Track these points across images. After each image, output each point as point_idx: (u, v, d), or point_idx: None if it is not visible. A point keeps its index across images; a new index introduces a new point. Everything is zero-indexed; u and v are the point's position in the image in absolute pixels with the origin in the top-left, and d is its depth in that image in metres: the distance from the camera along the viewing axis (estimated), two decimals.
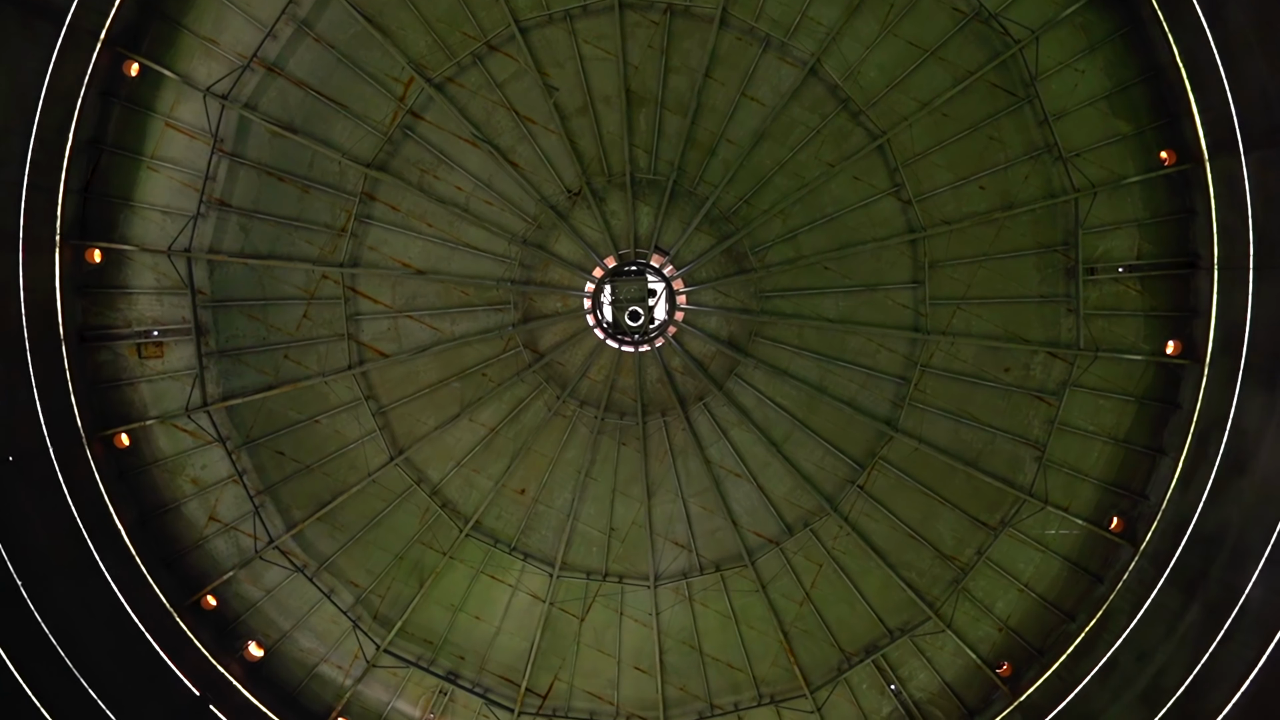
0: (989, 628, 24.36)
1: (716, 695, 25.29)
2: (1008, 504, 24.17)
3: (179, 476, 23.79)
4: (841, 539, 24.91)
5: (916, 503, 24.65)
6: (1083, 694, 21.95)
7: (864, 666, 24.79)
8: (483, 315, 24.50)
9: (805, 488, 24.83)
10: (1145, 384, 23.28)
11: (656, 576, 25.25)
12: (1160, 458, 22.92)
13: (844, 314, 24.56)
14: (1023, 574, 24.19)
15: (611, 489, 25.25)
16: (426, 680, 24.85)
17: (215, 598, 23.83)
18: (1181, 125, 21.85)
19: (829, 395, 24.66)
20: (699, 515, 25.39)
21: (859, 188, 23.94)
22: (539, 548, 25.38)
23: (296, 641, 24.46)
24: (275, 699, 23.58)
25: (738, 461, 25.09)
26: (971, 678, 24.33)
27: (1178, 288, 22.79)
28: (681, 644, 25.38)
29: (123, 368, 23.13)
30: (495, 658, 25.24)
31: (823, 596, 25.13)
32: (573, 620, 25.32)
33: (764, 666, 25.26)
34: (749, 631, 25.26)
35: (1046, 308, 23.79)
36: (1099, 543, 23.55)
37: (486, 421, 24.86)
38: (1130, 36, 22.13)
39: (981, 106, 23.17)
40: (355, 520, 24.70)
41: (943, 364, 24.29)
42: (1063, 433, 23.81)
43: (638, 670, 25.36)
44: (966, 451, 24.40)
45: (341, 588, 24.78)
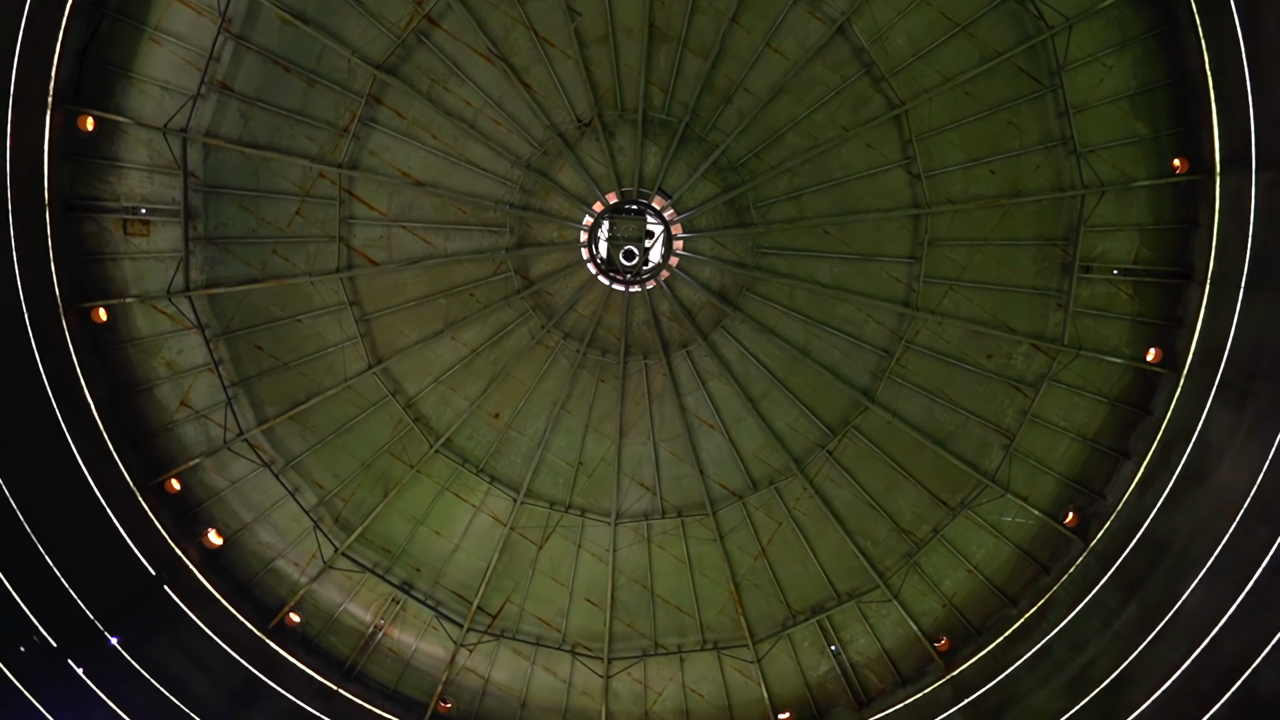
0: (934, 603, 25.01)
1: (662, 635, 25.93)
2: (970, 487, 24.62)
3: (154, 358, 23.61)
4: (804, 500, 25.34)
5: (881, 474, 25.05)
6: (1013, 675, 22.72)
7: (808, 625, 25.46)
8: (477, 235, 24.25)
9: (775, 446, 25.13)
10: (1121, 387, 23.58)
11: (618, 514, 25.63)
12: (1124, 461, 23.35)
13: (837, 280, 24.56)
14: (974, 556, 24.77)
15: (585, 424, 25.42)
16: (380, 587, 25.23)
17: (179, 482, 23.90)
18: (1199, 135, 21.73)
19: (811, 359, 24.80)
20: (668, 460, 25.68)
21: (870, 156, 23.71)
22: (506, 472, 25.62)
23: (256, 535, 24.68)
24: (230, 588, 23.88)
25: (713, 413, 25.31)
26: (910, 648, 25.07)
27: (1168, 296, 22.95)
28: (634, 582, 25.89)
29: (106, 242, 22.73)
30: (450, 574, 25.64)
31: (778, 553, 25.65)
32: (531, 547, 25.72)
33: (711, 614, 25.87)
34: (701, 578, 25.80)
35: (1037, 300, 23.91)
36: (1051, 535, 24.11)
37: (469, 342, 24.82)
38: (1163, 38, 21.82)
39: (1004, 89, 22.88)
40: (327, 423, 24.75)
41: (927, 342, 24.45)
42: (1034, 424, 24.16)
43: (589, 602, 25.89)
44: (938, 431, 24.75)
45: (306, 488, 24.93)
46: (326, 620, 24.99)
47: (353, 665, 24.83)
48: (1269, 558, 18.38)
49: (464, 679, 25.45)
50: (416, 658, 25.36)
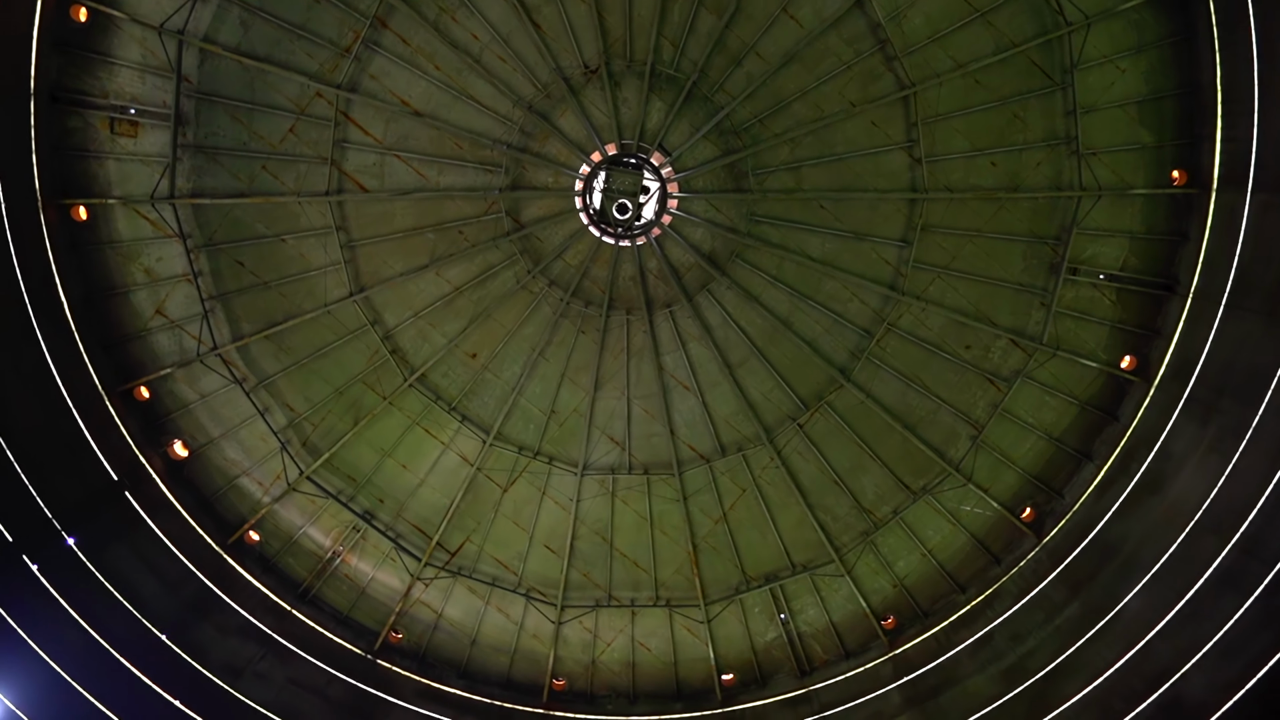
0: (885, 582, 25.51)
1: (617, 588, 26.31)
2: (934, 473, 24.99)
3: (132, 263, 23.25)
4: (770, 470, 25.61)
5: (849, 453, 25.34)
6: (954, 659, 23.32)
7: (761, 592, 25.91)
8: (472, 172, 23.94)
9: (748, 414, 25.31)
10: (1092, 391, 23.88)
11: (586, 466, 25.80)
12: (1086, 463, 23.74)
13: (827, 256, 24.56)
14: (929, 540, 25.21)
15: (561, 373, 25.44)
16: (342, 515, 25.33)
17: (149, 390, 23.70)
18: (1201, 150, 21.76)
19: (793, 331, 24.89)
20: (640, 417, 25.81)
21: (874, 134, 23.56)
22: (478, 413, 25.65)
23: (222, 450, 24.61)
24: (191, 500, 23.86)
25: (689, 375, 25.40)
26: (857, 623, 25.60)
27: (1149, 306, 23.15)
28: (595, 534, 26.18)
29: (92, 139, 22.19)
30: (413, 508, 25.77)
31: (739, 519, 25.99)
32: (495, 489, 25.86)
33: (668, 572, 26.24)
34: (661, 537, 26.12)
35: (1021, 296, 24.06)
36: (1007, 528, 24.55)
37: (453, 279, 24.65)
38: (1179, 47, 21.71)
39: (1015, 82, 22.74)
40: (303, 346, 24.58)
41: (909, 327, 24.59)
42: (1003, 419, 24.47)
43: (547, 549, 26.17)
44: (909, 415, 25.02)
45: (276, 409, 24.84)
46: (285, 541, 25.09)
47: (308, 588, 25.00)
48: (1211, 570, 18.91)
49: (417, 612, 25.73)
50: (372, 587, 25.57)
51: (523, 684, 25.85)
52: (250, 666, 22.06)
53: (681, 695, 25.86)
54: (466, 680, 25.45)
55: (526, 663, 26.03)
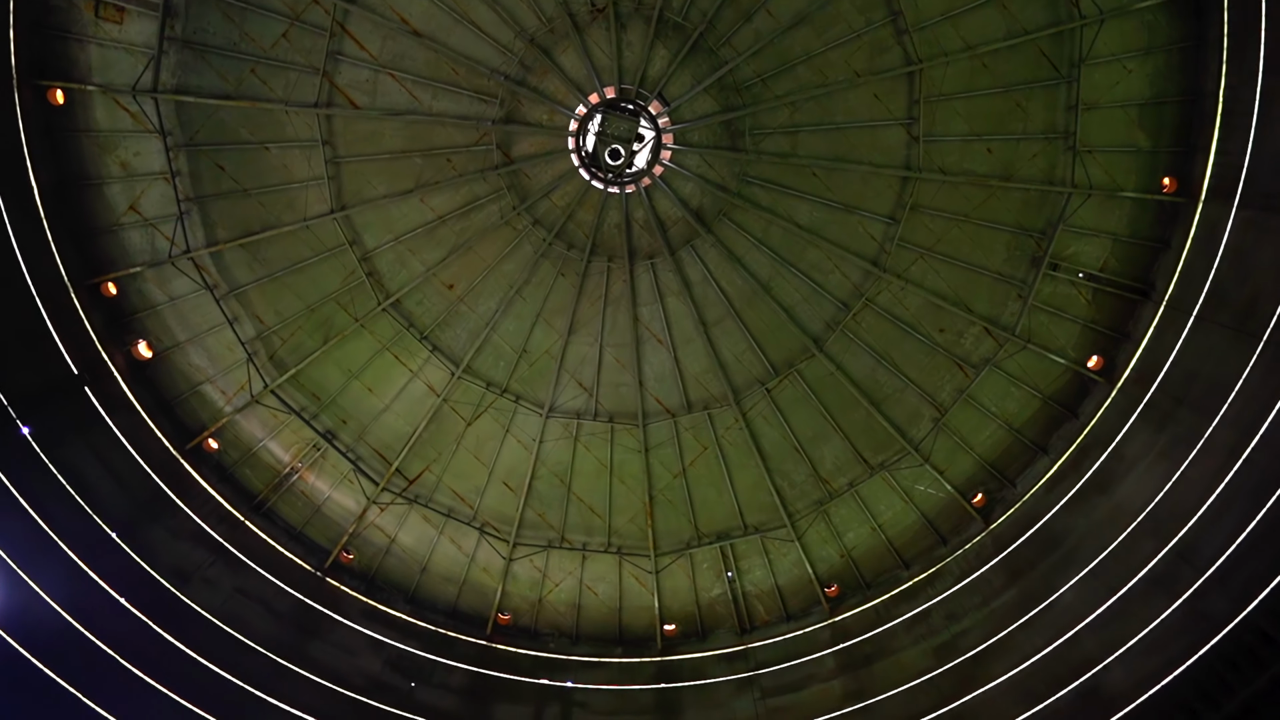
0: (833, 551, 26.03)
1: (570, 530, 26.63)
2: (893, 450, 25.37)
3: (109, 155, 22.65)
4: (733, 431, 25.85)
5: (812, 422, 25.63)
6: (890, 631, 23.96)
7: (711, 548, 26.36)
8: (466, 100, 23.45)
9: (718, 374, 25.45)
10: (1056, 386, 24.23)
11: (552, 408, 25.88)
12: (1041, 456, 24.18)
13: (814, 225, 24.50)
14: (881, 515, 25.70)
15: (536, 313, 25.35)
16: (304, 432, 25.28)
17: (116, 287, 23.31)
18: (1194, 159, 21.79)
19: (771, 296, 24.93)
20: (610, 366, 25.85)
21: (875, 108, 23.35)
22: (449, 345, 25.54)
23: (187, 355, 24.35)
24: (152, 402, 23.67)
25: (664, 328, 25.42)
26: (801, 588, 26.16)
27: (1122, 310, 23.39)
28: (554, 475, 26.38)
29: (74, 20, 21.37)
30: (376, 432, 25.77)
31: (697, 476, 26.30)
32: (460, 422, 25.90)
33: (622, 520, 26.58)
34: (619, 485, 26.39)
35: (1000, 286, 24.22)
36: (957, 510, 25.07)
37: (437, 207, 24.31)
38: (1187, 53, 21.59)
39: (1022, 70, 22.57)
40: (278, 259, 24.24)
41: (886, 304, 24.72)
42: (967, 404, 24.82)
43: (505, 486, 26.36)
44: (876, 391, 25.29)
45: (246, 319, 24.57)
46: (244, 453, 25.03)
47: (263, 500, 25.04)
48: (1145, 571, 19.50)
49: (370, 534, 25.91)
50: (328, 506, 25.66)
51: (468, 615, 26.24)
52: (199, 572, 22.15)
53: (623, 640, 26.40)
54: (413, 606, 25.77)
55: (474, 595, 26.40)
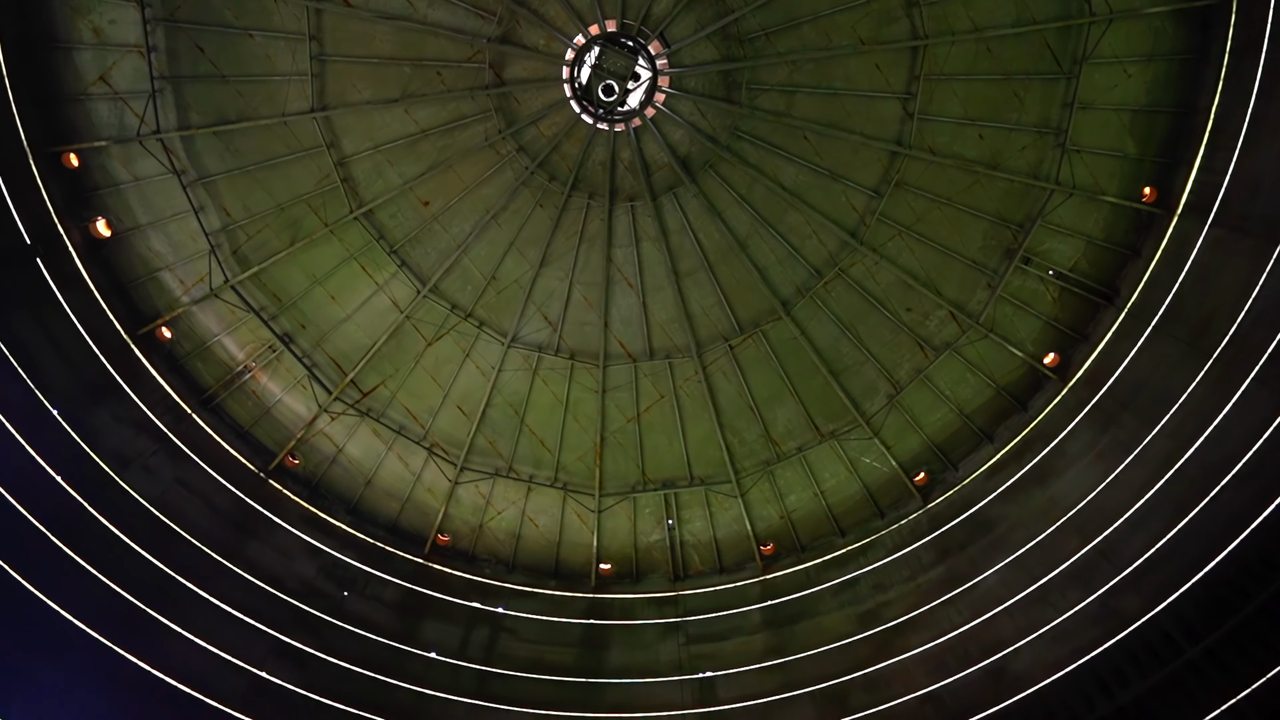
0: (773, 512, 26.58)
1: (518, 461, 26.81)
2: (845, 421, 25.80)
3: (81, 18, 21.58)
4: (691, 383, 26.06)
5: (771, 383, 25.91)
6: (817, 594, 24.66)
7: (655, 495, 26.75)
8: (462, 14, 22.71)
9: (684, 324, 25.52)
10: (1011, 378, 24.70)
11: (515, 338, 25.81)
12: (986, 444, 24.77)
13: (798, 188, 24.42)
14: (824, 482, 26.24)
15: (510, 241, 25.08)
16: (261, 332, 24.92)
17: (79, 159, 22.49)
18: (1176, 171, 21.99)
19: (747, 254, 24.93)
20: (578, 304, 25.78)
21: (874, 78, 23.13)
22: (419, 262, 25.22)
23: (148, 239, 23.71)
24: (106, 283, 23.08)
25: (636, 273, 25.34)
26: (738, 543, 26.75)
27: (1085, 311, 23.79)
28: (509, 405, 26.43)
29: None
30: (335, 341, 25.50)
31: (650, 423, 26.54)
32: (420, 341, 25.72)
33: (571, 457, 26.80)
34: (573, 422, 26.55)
35: (971, 273, 24.47)
36: (897, 486, 25.67)
37: (421, 120, 23.72)
38: (1188, 65, 21.60)
39: (1025, 60, 22.45)
40: (252, 152, 23.54)
41: (858, 277, 24.87)
42: (923, 385, 25.25)
43: (459, 410, 26.36)
44: (836, 361, 25.59)
45: (212, 210, 23.93)
46: (197, 345, 24.63)
47: (212, 396, 24.74)
48: (1067, 564, 20.26)
49: (318, 442, 25.82)
50: (278, 408, 25.46)
51: (408, 532, 26.44)
52: (140, 460, 21.92)
53: (558, 574, 26.85)
54: (354, 518, 25.88)
55: (416, 513, 26.57)
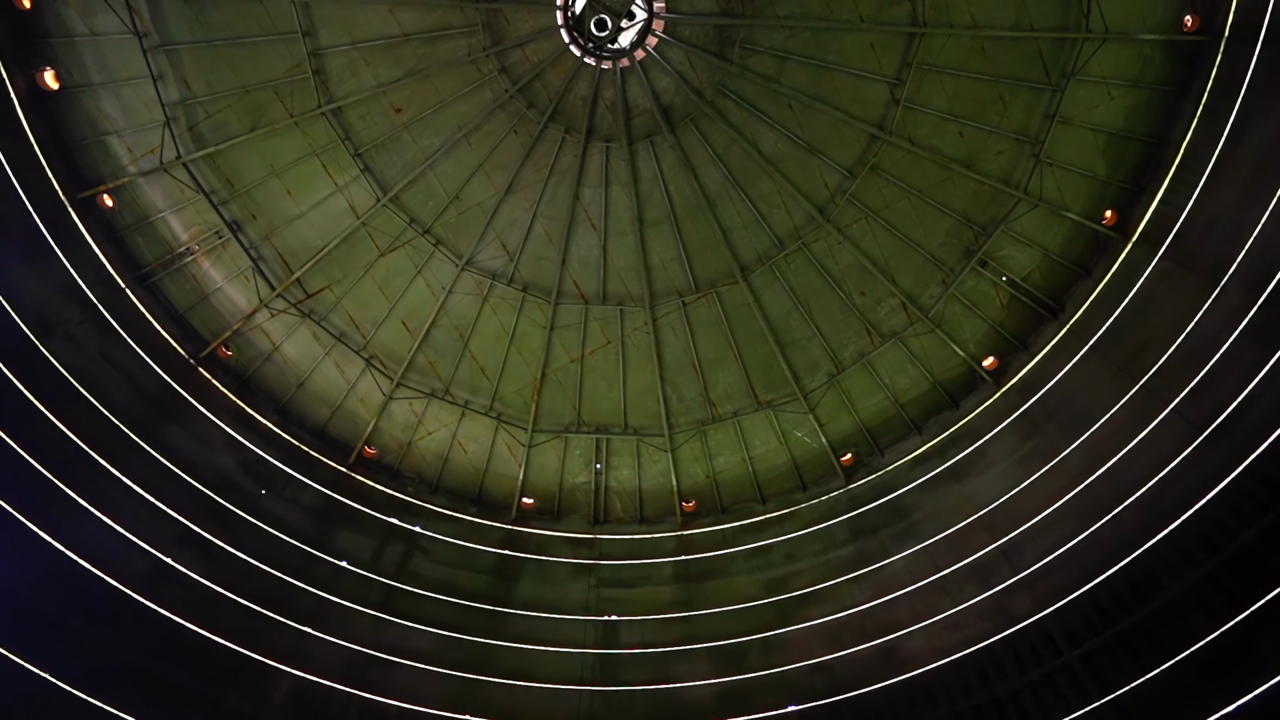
0: (700, 470, 27.00)
1: (456, 385, 26.66)
2: (783, 392, 26.20)
3: None
4: (639, 333, 26.11)
5: (717, 345, 26.11)
6: (730, 556, 25.26)
7: (588, 438, 26.93)
8: None
9: (641, 274, 25.46)
10: (949, 375, 25.32)
11: (469, 261, 25.44)
12: (914, 435, 25.46)
13: (775, 156, 24.34)
14: (754, 449, 26.72)
15: (479, 163, 24.55)
16: (209, 215, 24.08)
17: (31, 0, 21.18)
18: (1139, 200, 22.50)
19: (714, 214, 24.88)
20: (538, 236, 25.48)
21: (867, 58, 23.02)
22: (382, 170, 24.55)
23: (99, 100, 22.53)
24: (49, 139, 21.87)
25: (601, 215, 25.11)
26: (661, 496, 27.16)
27: (1029, 321, 24.40)
28: (454, 328, 26.16)
29: None
30: (285, 237, 24.79)
31: (593, 366, 26.58)
32: (373, 250, 25.19)
33: (510, 389, 26.75)
34: (516, 355, 26.44)
35: (929, 267, 24.83)
36: (824, 463, 26.28)
37: (405, 24, 22.87)
38: (1169, 97, 21.97)
39: (1016, 65, 22.56)
40: (222, 26, 22.41)
41: (819, 254, 25.04)
42: (864, 369, 25.74)
43: (404, 325, 26.01)
44: (785, 333, 25.87)
45: (172, 80, 22.81)
46: (140, 219, 23.67)
47: (150, 273, 23.91)
48: (970, 559, 21.10)
49: (255, 337, 25.24)
50: (217, 296, 24.76)
51: (335, 440, 26.19)
52: (65, 327, 21.13)
53: (480, 502, 26.96)
54: (281, 417, 25.50)
55: (346, 422, 26.30)
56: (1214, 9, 20.77)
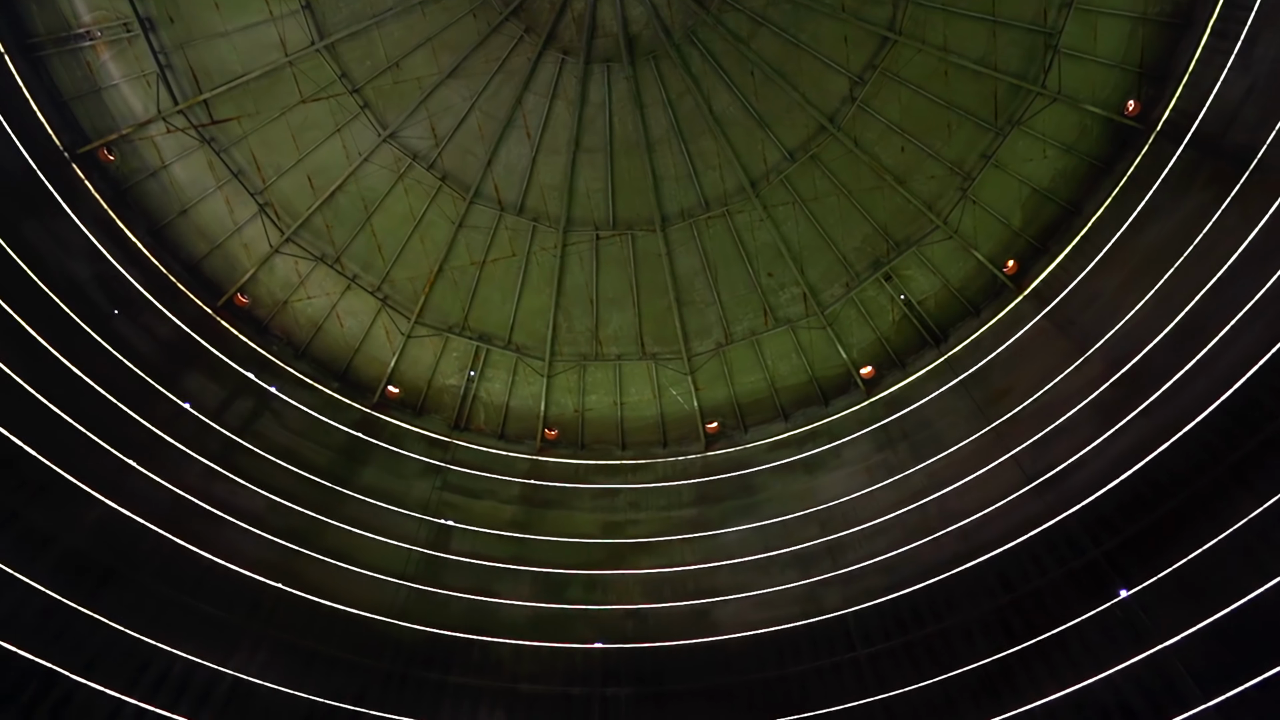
0: (570, 402, 27.13)
1: (348, 257, 25.65)
2: (670, 349, 26.62)
3: None
4: (546, 253, 25.83)
5: (619, 286, 26.18)
6: (578, 490, 25.63)
7: (469, 343, 26.61)
8: None
9: (563, 197, 25.06)
10: (827, 373, 26.28)
11: (394, 134, 24.34)
12: (780, 420, 26.38)
13: (724, 118, 24.22)
14: (628, 395, 27.06)
15: (429, 36, 23.28)
16: (120, 4, 21.94)
17: None
18: (1039, 259, 23.81)
19: (650, 157, 24.62)
20: (470, 129, 24.51)
21: (838, 48, 23.10)
22: (323, 12, 22.83)
23: None
24: None
25: (539, 127, 24.42)
26: (525, 418, 27.14)
27: (912, 343, 25.55)
28: (361, 198, 25.07)
29: None
30: (202, 52, 22.84)
31: (492, 274, 26.13)
32: (295, 93, 23.58)
33: (403, 274, 25.94)
34: (418, 242, 25.63)
35: (839, 267, 25.51)
36: (689, 426, 26.89)
37: None
38: (1093, 170, 23.18)
39: (971, 99, 23.18)
40: None
41: (740, 225, 25.27)
42: (751, 346, 26.38)
43: (309, 180, 24.67)
44: (687, 293, 26.14)
45: None
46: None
47: (37, 44, 21.56)
48: (798, 546, 22.26)
49: (143, 149, 23.19)
50: (110, 94, 22.53)
51: (208, 278, 24.84)
52: None
53: (344, 379, 26.28)
54: (154, 241, 23.93)
55: (223, 263, 24.96)
56: (1155, 102, 21.91)
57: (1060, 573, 17.90)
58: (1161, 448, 17.49)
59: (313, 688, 18.12)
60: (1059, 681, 16.39)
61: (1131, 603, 16.34)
